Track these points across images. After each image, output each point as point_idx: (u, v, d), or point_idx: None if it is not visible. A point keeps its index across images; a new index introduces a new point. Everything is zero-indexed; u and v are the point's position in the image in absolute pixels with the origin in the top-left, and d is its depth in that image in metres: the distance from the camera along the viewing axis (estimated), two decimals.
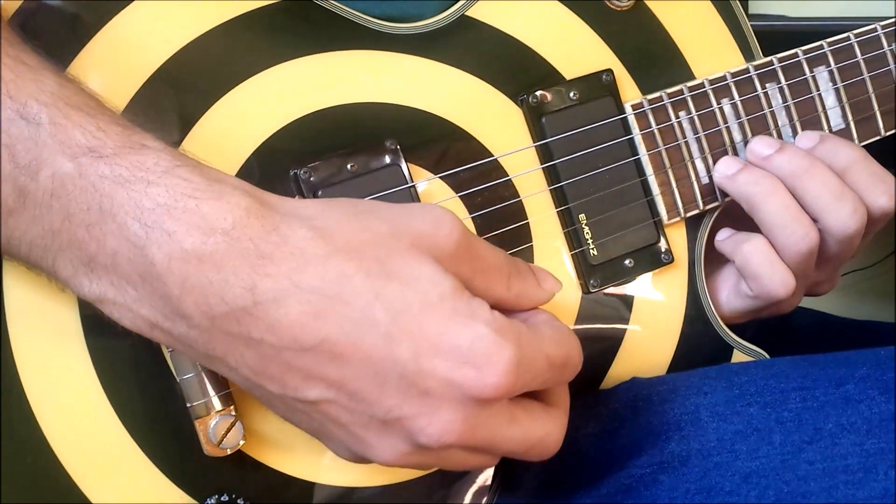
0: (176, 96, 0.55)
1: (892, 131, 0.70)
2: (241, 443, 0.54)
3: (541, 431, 0.50)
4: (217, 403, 0.54)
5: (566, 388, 0.52)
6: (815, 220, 0.63)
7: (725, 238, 0.65)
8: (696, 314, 0.65)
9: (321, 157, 0.57)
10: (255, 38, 0.57)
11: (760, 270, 0.63)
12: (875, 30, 0.69)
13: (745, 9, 0.91)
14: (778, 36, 0.84)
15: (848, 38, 0.69)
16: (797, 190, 0.63)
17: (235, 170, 0.56)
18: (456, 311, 0.46)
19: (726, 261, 0.67)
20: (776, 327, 0.73)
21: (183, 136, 0.55)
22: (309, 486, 0.57)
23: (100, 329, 0.53)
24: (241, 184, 0.47)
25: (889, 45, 0.69)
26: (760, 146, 0.64)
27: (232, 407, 0.54)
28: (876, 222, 0.64)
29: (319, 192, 0.56)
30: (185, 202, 0.45)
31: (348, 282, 0.45)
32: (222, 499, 0.55)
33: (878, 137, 0.70)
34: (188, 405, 0.54)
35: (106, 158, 0.46)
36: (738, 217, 0.65)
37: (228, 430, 0.54)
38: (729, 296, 0.67)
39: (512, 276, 0.51)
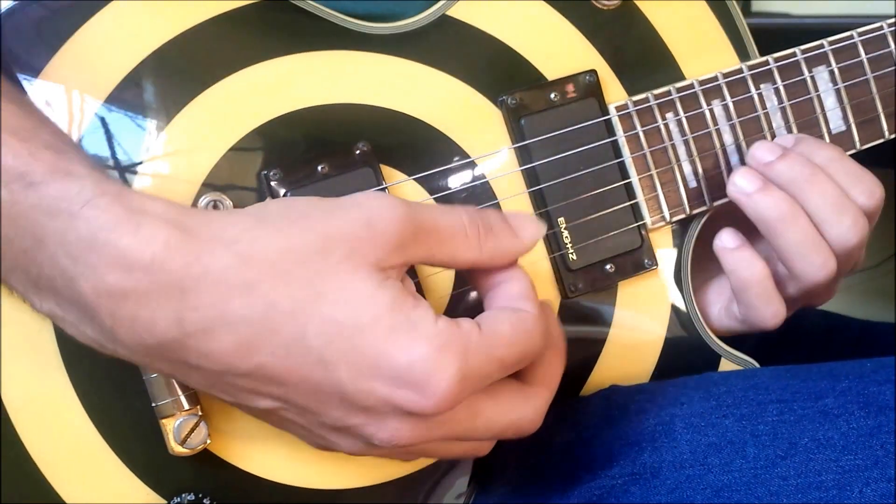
0: (150, 96, 0.56)
1: None
2: (207, 442, 0.55)
3: (510, 416, 0.49)
4: (183, 403, 0.54)
5: (551, 361, 0.51)
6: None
7: (728, 248, 0.62)
8: (681, 321, 0.64)
9: (293, 159, 0.57)
10: (231, 38, 0.57)
11: (755, 302, 0.62)
12: (881, 28, 0.68)
13: (748, 6, 0.89)
14: (780, 34, 0.83)
15: (851, 37, 0.67)
16: (798, 199, 0.61)
17: (209, 168, 0.56)
18: (393, 329, 0.45)
19: (717, 272, 0.65)
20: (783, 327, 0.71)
21: (156, 136, 0.56)
22: (276, 487, 0.57)
23: None
24: (165, 210, 0.46)
25: (895, 45, 0.67)
26: (762, 152, 0.63)
27: (198, 407, 0.55)
28: None
29: (289, 195, 0.57)
30: (106, 235, 0.45)
31: (275, 309, 0.45)
32: (188, 498, 0.56)
33: (881, 140, 0.68)
34: (153, 404, 0.54)
35: (35, 186, 0.46)
36: (727, 214, 0.64)
37: (192, 430, 0.55)
38: (720, 313, 0.66)
39: (482, 235, 0.50)
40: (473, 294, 0.60)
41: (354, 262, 0.46)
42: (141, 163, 0.56)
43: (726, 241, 0.62)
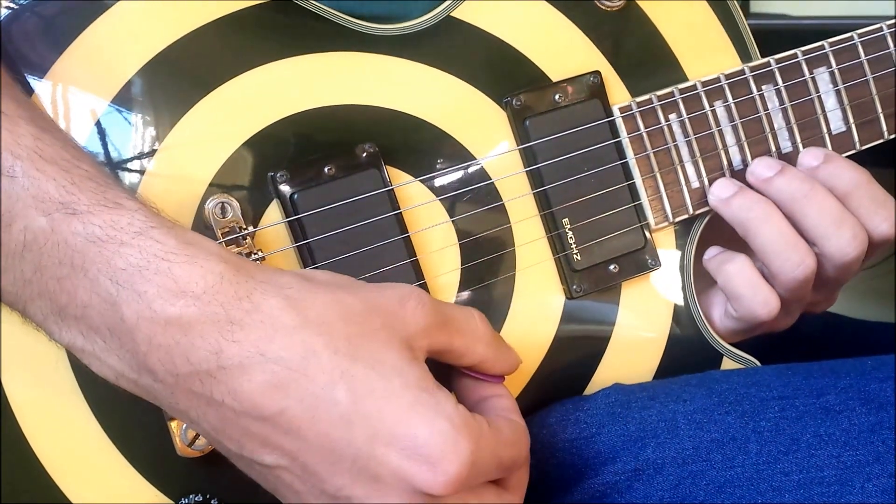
0: (157, 98, 0.57)
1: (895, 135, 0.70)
2: None
3: None
4: None
5: (524, 471, 0.53)
6: (813, 245, 0.64)
7: (711, 257, 0.66)
8: (684, 321, 0.66)
9: (300, 160, 0.59)
10: (237, 39, 0.59)
11: (742, 291, 0.63)
12: (881, 29, 0.69)
13: (747, 7, 0.91)
14: (779, 36, 0.84)
15: (851, 38, 0.69)
16: (796, 214, 0.63)
17: (215, 170, 0.58)
18: (418, 402, 0.47)
19: None
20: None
21: (165, 135, 0.57)
22: None
23: None
24: (218, 249, 0.48)
25: (895, 46, 0.69)
26: (761, 168, 0.65)
27: None
28: (876, 247, 0.65)
29: (296, 195, 0.58)
30: (158, 264, 0.46)
31: (315, 357, 0.46)
32: (196, 499, 0.57)
33: (880, 140, 0.69)
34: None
35: (79, 215, 0.47)
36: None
37: None
38: (722, 317, 0.67)
39: (490, 335, 0.53)
40: (477, 295, 0.62)
41: (389, 333, 0.48)
42: (148, 163, 0.57)
43: (709, 252, 0.66)
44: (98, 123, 0.56)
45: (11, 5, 0.56)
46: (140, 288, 0.46)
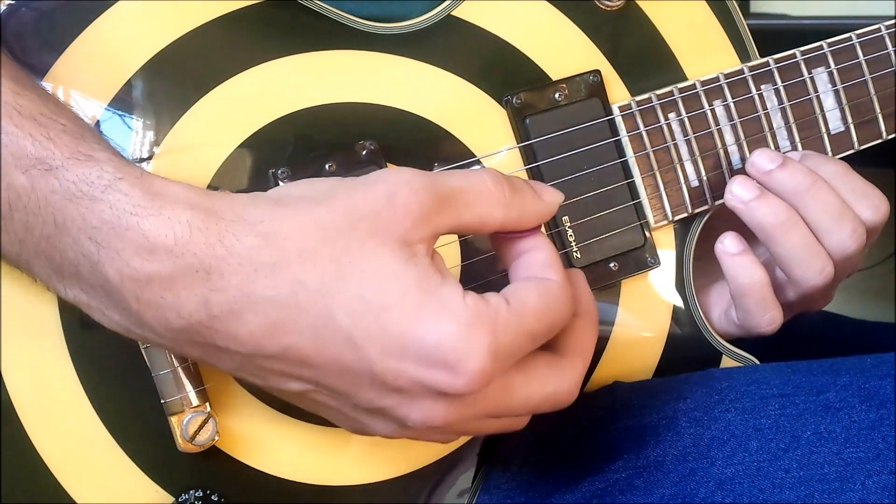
0: (157, 96, 0.58)
1: (894, 135, 0.70)
2: (215, 439, 0.56)
3: (545, 389, 0.49)
4: (191, 400, 0.56)
5: (583, 330, 0.51)
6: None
7: (729, 252, 0.64)
8: (683, 319, 0.67)
9: (300, 158, 0.59)
10: (237, 37, 0.59)
11: (753, 308, 0.64)
12: (879, 30, 0.70)
13: (747, 7, 0.92)
14: (778, 35, 0.85)
15: (850, 39, 0.70)
16: (798, 208, 0.64)
17: (216, 168, 0.58)
18: (421, 306, 0.45)
19: (719, 275, 0.68)
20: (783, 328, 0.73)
21: (165, 134, 0.57)
22: (285, 483, 0.59)
23: (79, 326, 0.55)
24: (186, 192, 0.47)
25: (893, 46, 0.70)
26: (762, 160, 0.65)
27: (207, 403, 0.56)
28: (866, 236, 0.65)
29: None
30: (128, 219, 0.46)
31: (302, 288, 0.45)
32: (197, 494, 0.57)
33: (878, 141, 0.70)
34: (162, 401, 0.56)
35: (55, 171, 0.47)
36: (728, 213, 0.66)
37: (201, 427, 0.56)
38: (720, 317, 0.68)
39: (507, 193, 0.49)
40: (483, 265, 0.62)
41: (379, 238, 0.46)
42: (149, 162, 0.57)
43: (728, 245, 0.64)
44: (98, 123, 0.57)
45: (11, 2, 0.56)
46: (116, 245, 0.46)
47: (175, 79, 0.58)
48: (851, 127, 0.70)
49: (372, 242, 0.46)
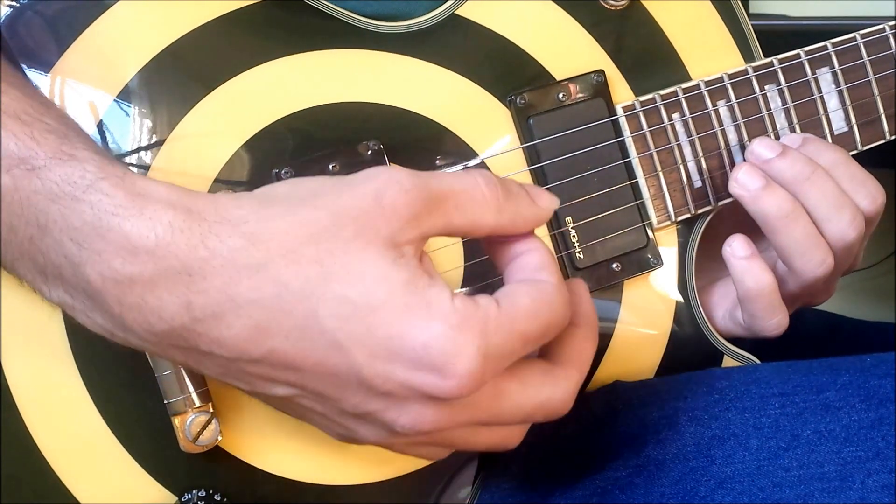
0: (161, 94, 0.59)
1: None
2: (218, 439, 0.58)
3: (538, 397, 0.49)
4: (194, 400, 0.57)
5: (581, 339, 0.51)
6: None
7: (737, 256, 0.65)
8: (685, 319, 0.68)
9: (304, 157, 0.61)
10: (241, 36, 0.61)
11: (760, 312, 0.65)
12: (883, 30, 0.72)
13: (746, 8, 0.93)
14: (780, 36, 0.87)
15: (854, 39, 0.71)
16: (797, 196, 0.65)
17: (220, 166, 0.60)
18: (408, 308, 0.45)
19: (722, 274, 0.69)
20: None
21: (168, 134, 0.59)
22: (288, 483, 0.60)
23: (82, 327, 0.56)
24: (168, 192, 0.47)
25: None
26: (761, 148, 0.66)
27: (209, 404, 0.58)
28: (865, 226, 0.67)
29: None
30: (109, 220, 0.46)
31: (286, 290, 0.45)
32: (200, 494, 0.58)
33: (882, 141, 0.72)
34: (165, 402, 0.57)
35: (38, 171, 0.47)
36: (731, 213, 0.68)
37: (204, 427, 0.57)
38: (724, 317, 0.70)
39: (500, 197, 0.49)
40: (487, 265, 0.62)
41: (365, 238, 0.46)
42: (153, 159, 0.59)
43: (737, 248, 0.65)
44: (101, 121, 0.58)
45: (14, 3, 0.58)
46: (98, 247, 0.46)
47: (179, 77, 0.59)
48: (855, 127, 0.71)
49: (358, 243, 0.46)
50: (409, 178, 0.47)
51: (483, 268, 0.64)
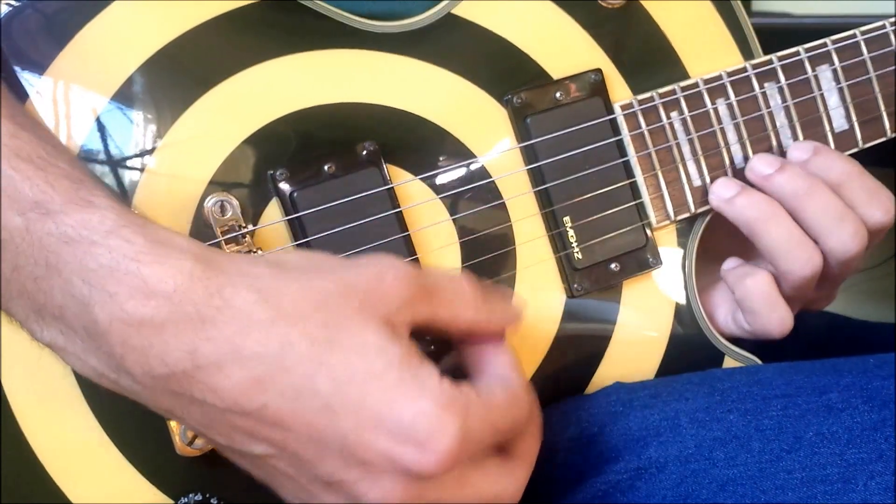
0: (156, 95, 0.59)
1: None
2: None
3: (495, 488, 0.51)
4: None
5: (532, 436, 0.54)
6: (815, 241, 0.66)
7: (730, 269, 0.68)
8: (685, 320, 0.68)
9: (299, 158, 0.61)
10: (236, 37, 0.61)
11: (759, 309, 0.66)
12: (883, 27, 0.72)
13: (749, 6, 0.93)
14: (781, 34, 0.87)
15: (854, 36, 0.71)
16: (798, 211, 0.66)
17: (216, 167, 0.60)
18: (400, 382, 0.47)
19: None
20: None
21: (165, 132, 0.59)
22: None
23: None
24: (189, 245, 0.49)
25: None
26: (761, 165, 0.67)
27: None
28: (873, 237, 0.67)
29: (295, 194, 0.60)
30: (128, 265, 0.48)
31: (291, 349, 0.47)
32: (196, 497, 0.59)
33: (882, 139, 0.72)
34: None
35: (52, 215, 0.49)
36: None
37: None
38: (726, 319, 0.70)
39: (479, 298, 0.53)
40: (484, 266, 0.64)
41: (367, 313, 0.49)
42: (147, 161, 0.59)
43: (727, 263, 0.68)
44: (97, 122, 0.58)
45: (12, 3, 0.58)
46: (111, 289, 0.47)
47: (175, 77, 0.59)
48: (856, 125, 0.71)
49: (360, 317, 0.49)
50: (406, 267, 0.51)
51: (481, 268, 0.64)
